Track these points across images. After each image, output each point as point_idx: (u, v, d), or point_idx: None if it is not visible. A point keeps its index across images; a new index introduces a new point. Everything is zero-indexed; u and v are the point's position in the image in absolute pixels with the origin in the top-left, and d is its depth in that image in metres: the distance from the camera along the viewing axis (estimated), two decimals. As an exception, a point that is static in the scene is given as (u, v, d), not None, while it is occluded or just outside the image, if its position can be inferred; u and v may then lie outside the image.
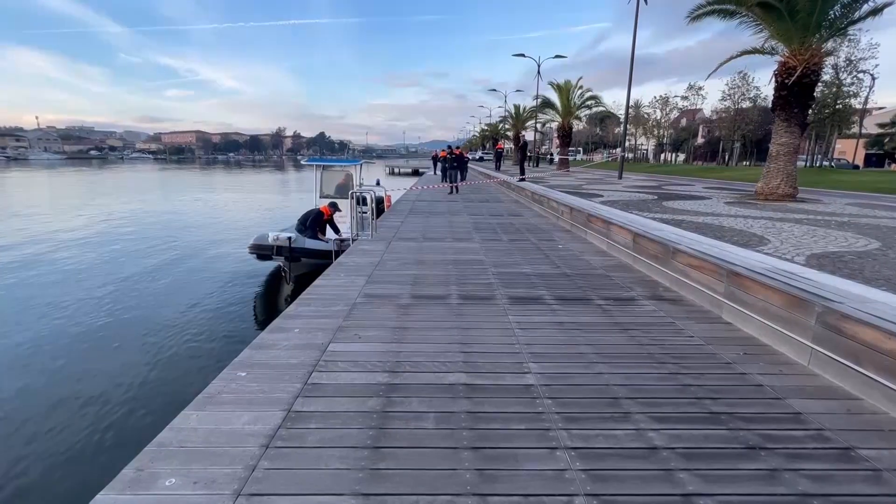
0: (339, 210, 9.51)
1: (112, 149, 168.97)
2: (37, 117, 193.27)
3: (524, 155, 18.69)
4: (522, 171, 17.78)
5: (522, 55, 34.56)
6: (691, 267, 4.34)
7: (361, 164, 11.96)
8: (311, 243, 8.75)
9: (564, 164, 28.41)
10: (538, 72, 34.75)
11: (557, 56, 36.20)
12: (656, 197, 10.67)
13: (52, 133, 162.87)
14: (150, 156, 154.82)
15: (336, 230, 9.44)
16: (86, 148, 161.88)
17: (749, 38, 10.07)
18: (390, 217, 10.29)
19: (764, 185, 9.96)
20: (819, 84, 11.01)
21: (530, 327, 3.53)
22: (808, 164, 37.50)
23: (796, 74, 9.15)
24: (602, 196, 10.79)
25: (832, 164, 36.35)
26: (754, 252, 4.48)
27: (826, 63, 9.49)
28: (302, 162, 12.38)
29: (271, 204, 25.98)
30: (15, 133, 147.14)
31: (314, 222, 9.22)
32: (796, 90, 9.31)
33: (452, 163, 15.85)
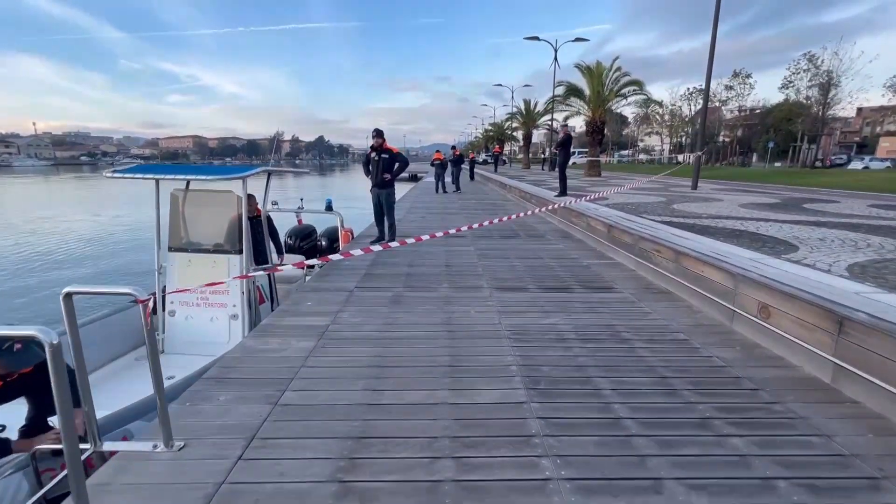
0: None
1: (105, 154, 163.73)
2: (34, 123, 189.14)
3: (567, 156, 11.00)
4: (564, 186, 10.85)
5: (537, 38, 29.19)
6: None
7: (267, 174, 5.39)
8: None
9: (595, 168, 22.60)
10: (555, 57, 29.36)
11: (578, 39, 30.83)
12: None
13: (44, 139, 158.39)
14: (142, 161, 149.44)
15: None
16: (77, 154, 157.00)
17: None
18: (313, 298, 4.51)
19: None
20: None
21: None
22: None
23: None
24: (773, 236, 5.04)
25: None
26: None
27: None
28: (105, 175, 4.63)
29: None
30: (7, 140, 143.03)
31: None
32: None
33: (381, 173, 6.96)
